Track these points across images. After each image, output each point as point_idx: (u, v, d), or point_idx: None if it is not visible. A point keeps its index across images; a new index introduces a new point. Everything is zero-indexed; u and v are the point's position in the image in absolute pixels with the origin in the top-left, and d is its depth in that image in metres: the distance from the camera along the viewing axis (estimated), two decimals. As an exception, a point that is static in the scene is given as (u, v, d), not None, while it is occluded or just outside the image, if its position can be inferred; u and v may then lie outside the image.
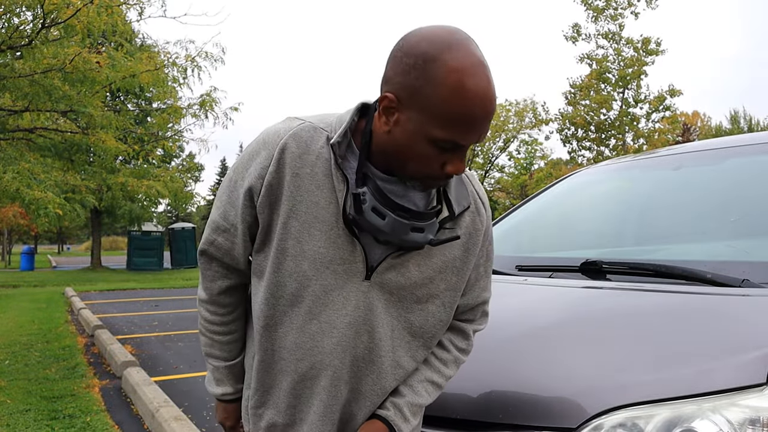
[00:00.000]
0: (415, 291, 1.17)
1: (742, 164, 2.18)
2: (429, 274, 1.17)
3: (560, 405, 1.26)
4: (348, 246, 1.12)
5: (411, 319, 1.19)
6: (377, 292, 1.15)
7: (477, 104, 0.99)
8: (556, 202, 2.75)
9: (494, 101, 1.02)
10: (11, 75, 6.97)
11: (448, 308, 1.23)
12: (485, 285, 1.31)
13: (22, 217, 27.80)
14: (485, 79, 0.99)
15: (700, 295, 1.51)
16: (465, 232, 1.20)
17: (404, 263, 1.15)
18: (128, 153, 10.27)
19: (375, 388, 1.20)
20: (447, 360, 1.29)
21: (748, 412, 1.12)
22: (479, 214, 1.23)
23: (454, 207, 1.15)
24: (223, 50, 9.05)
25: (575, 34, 19.71)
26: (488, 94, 1.00)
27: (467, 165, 16.72)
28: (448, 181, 1.13)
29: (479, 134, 1.03)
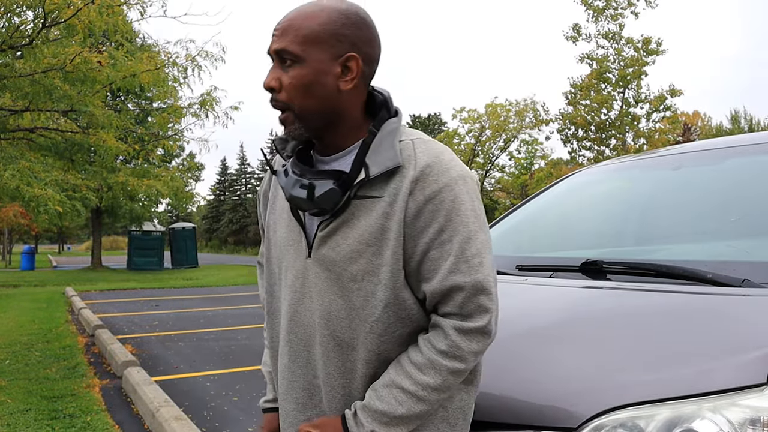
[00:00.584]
0: (348, 267, 1.13)
1: (742, 164, 2.18)
2: (356, 246, 1.12)
3: (561, 405, 1.26)
4: (296, 227, 1.22)
5: (352, 299, 1.14)
6: (317, 268, 1.17)
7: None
8: (556, 202, 2.75)
9: (285, 15, 1.15)
10: (12, 75, 6.97)
11: (387, 288, 1.12)
12: (454, 266, 1.09)
13: (23, 216, 27.81)
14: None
15: (701, 295, 1.51)
16: (388, 196, 1.12)
17: (331, 236, 1.15)
18: (129, 153, 10.29)
19: (329, 370, 1.17)
20: (420, 363, 1.11)
21: (748, 412, 1.12)
22: (406, 176, 1.11)
23: (370, 169, 1.11)
24: (223, 49, 9.06)
25: (575, 34, 19.71)
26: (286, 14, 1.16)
27: (468, 166, 16.67)
28: (283, 115, 1.16)
29: (272, 43, 1.14)
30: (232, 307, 11.75)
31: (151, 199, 21.27)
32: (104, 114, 8.31)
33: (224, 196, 65.28)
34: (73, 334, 8.16)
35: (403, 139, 1.15)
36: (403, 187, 1.11)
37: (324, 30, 1.12)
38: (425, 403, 1.11)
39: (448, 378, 1.11)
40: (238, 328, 8.97)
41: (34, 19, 6.92)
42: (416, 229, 1.11)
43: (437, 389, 1.11)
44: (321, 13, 1.12)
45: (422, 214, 1.10)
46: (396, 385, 1.11)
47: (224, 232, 63.17)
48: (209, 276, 21.82)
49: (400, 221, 1.10)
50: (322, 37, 1.11)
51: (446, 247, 1.10)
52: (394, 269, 1.12)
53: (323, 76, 1.12)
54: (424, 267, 1.12)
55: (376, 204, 1.12)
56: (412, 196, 1.10)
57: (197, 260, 29.42)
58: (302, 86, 1.12)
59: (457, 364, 1.10)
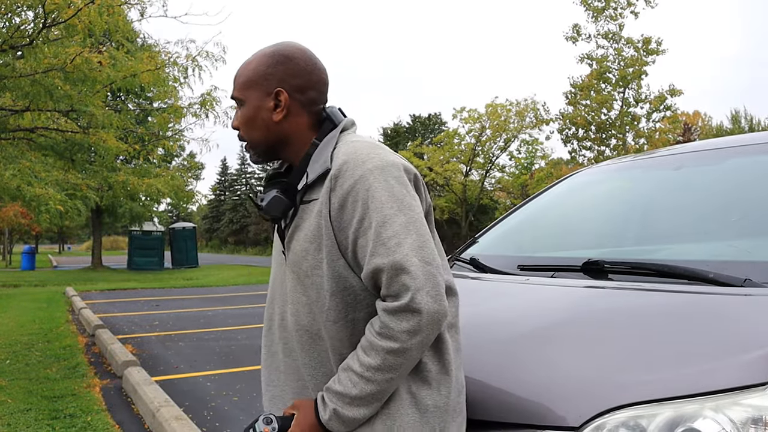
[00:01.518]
0: (301, 265, 1.29)
1: (743, 164, 2.18)
2: (304, 245, 1.28)
3: (562, 404, 1.26)
4: (278, 239, 1.41)
5: (309, 293, 1.28)
6: (288, 271, 1.35)
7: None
8: (557, 201, 2.75)
9: (241, 69, 1.39)
10: (12, 75, 6.97)
11: (330, 279, 1.24)
12: (374, 249, 1.17)
13: (23, 216, 27.82)
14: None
15: (702, 295, 1.51)
16: (321, 196, 1.26)
17: (291, 240, 1.33)
18: (129, 152, 10.28)
19: (306, 361, 1.31)
20: (364, 346, 1.20)
21: (750, 412, 1.12)
22: (327, 175, 1.26)
23: (309, 176, 1.29)
24: (224, 49, 9.06)
25: (575, 35, 19.73)
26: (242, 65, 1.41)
27: (469, 166, 16.86)
28: (247, 148, 1.41)
29: (234, 90, 1.39)
30: (233, 307, 11.75)
31: (151, 198, 21.26)
32: (104, 114, 8.30)
33: (224, 196, 65.29)
34: (74, 334, 8.16)
35: (337, 145, 1.31)
36: (326, 185, 1.25)
37: (254, 74, 1.36)
38: (374, 384, 1.18)
39: (387, 357, 1.16)
40: (239, 328, 8.97)
41: (34, 19, 6.92)
42: (343, 222, 1.23)
43: (379, 369, 1.17)
44: (253, 60, 1.37)
45: (344, 207, 1.22)
46: (349, 367, 1.22)
47: (224, 232, 63.16)
48: (209, 276, 21.82)
49: (327, 216, 1.24)
50: (254, 80, 1.35)
51: (368, 233, 1.19)
52: (330, 260, 1.24)
53: (259, 111, 1.35)
54: (357, 256, 1.23)
55: (314, 205, 1.28)
56: (333, 192, 1.24)
57: (197, 260, 29.43)
58: (246, 122, 1.37)
59: (391, 343, 1.16)
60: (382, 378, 1.18)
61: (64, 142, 9.35)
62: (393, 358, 1.16)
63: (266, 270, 25.35)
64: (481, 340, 1.33)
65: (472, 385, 1.38)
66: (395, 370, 1.18)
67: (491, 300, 1.89)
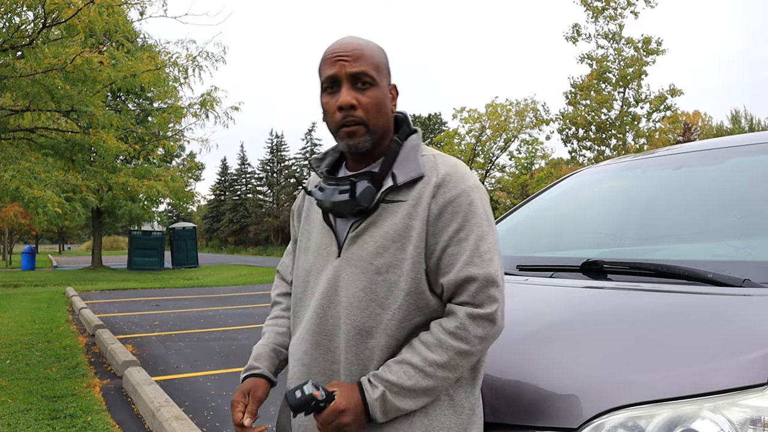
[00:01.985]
0: (374, 261, 1.29)
1: (743, 164, 2.18)
2: (382, 242, 1.29)
3: (561, 405, 1.26)
4: (327, 233, 1.39)
5: (376, 290, 1.28)
6: (345, 265, 1.33)
7: (329, 48, 1.36)
8: (556, 201, 2.75)
9: (345, 44, 1.34)
10: (12, 75, 6.97)
11: (409, 279, 1.26)
12: (469, 259, 1.25)
13: (23, 216, 27.83)
14: (340, 39, 1.38)
15: (701, 295, 1.51)
16: (411, 200, 1.30)
17: (361, 235, 1.32)
18: (129, 152, 10.28)
19: (348, 356, 1.30)
20: (429, 342, 1.24)
21: (749, 412, 1.12)
22: (429, 183, 1.30)
23: (397, 177, 1.31)
24: (224, 50, 9.07)
25: (575, 35, 19.72)
26: (338, 41, 1.36)
27: (469, 165, 16.58)
28: (355, 127, 1.32)
29: (338, 66, 1.32)
30: (233, 307, 11.75)
31: (151, 200, 21.27)
32: (105, 114, 8.31)
33: (224, 196, 65.29)
34: (74, 334, 8.16)
35: (424, 154, 1.36)
36: (426, 191, 1.30)
37: (382, 61, 1.37)
38: (431, 379, 1.23)
39: (454, 357, 1.23)
40: (239, 328, 8.97)
41: (34, 19, 6.92)
42: (438, 227, 1.28)
43: (443, 366, 1.23)
44: (378, 48, 1.39)
45: (443, 214, 1.28)
46: (406, 361, 1.24)
47: (224, 231, 63.17)
48: (209, 276, 21.82)
49: (424, 220, 1.28)
50: (382, 67, 1.36)
51: (463, 244, 1.26)
52: (416, 262, 1.27)
53: (386, 98, 1.36)
54: (443, 262, 1.27)
55: (401, 207, 1.30)
56: (434, 198, 1.29)
57: (197, 260, 29.43)
58: (377, 105, 1.33)
59: (463, 345, 1.23)
60: (442, 375, 1.23)
61: (64, 142, 9.36)
62: (459, 358, 1.23)
63: (266, 270, 25.37)
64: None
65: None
66: (454, 371, 1.24)
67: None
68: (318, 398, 1.20)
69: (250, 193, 61.97)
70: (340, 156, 1.48)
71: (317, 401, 1.20)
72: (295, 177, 54.97)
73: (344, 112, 1.31)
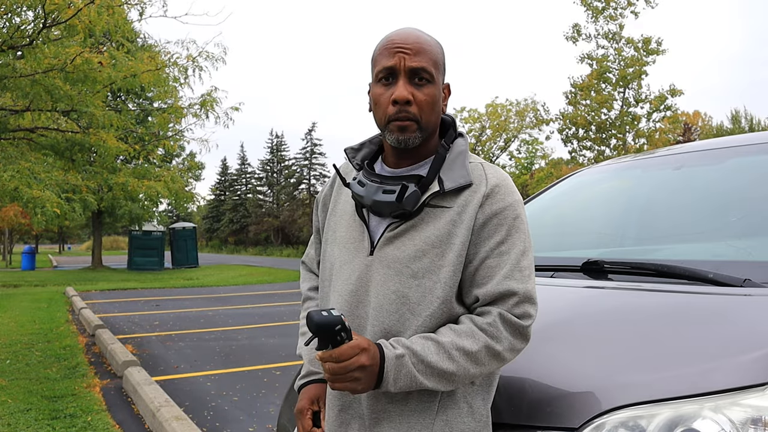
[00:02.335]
0: (410, 264, 1.25)
1: (743, 164, 2.18)
2: (421, 246, 1.25)
3: (562, 404, 1.26)
4: (359, 228, 1.34)
5: (408, 294, 1.24)
6: (377, 265, 1.28)
7: (389, 38, 1.30)
8: (557, 201, 2.75)
9: (407, 35, 1.29)
10: (12, 75, 6.98)
11: (446, 286, 1.23)
12: (510, 273, 1.22)
13: (23, 216, 27.82)
14: (400, 30, 1.32)
15: (702, 295, 1.51)
16: (456, 207, 1.27)
17: (399, 237, 1.28)
18: (129, 153, 10.29)
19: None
20: (460, 330, 1.21)
21: (750, 412, 1.12)
22: (477, 191, 1.27)
23: (445, 183, 1.27)
24: (224, 50, 9.07)
25: (575, 35, 19.73)
26: (399, 32, 1.31)
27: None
28: (408, 123, 1.27)
29: (397, 58, 1.27)
30: (233, 307, 11.76)
31: (151, 200, 21.26)
32: (105, 114, 8.31)
33: (224, 196, 65.28)
34: (74, 334, 8.16)
35: (472, 161, 1.33)
36: (474, 200, 1.27)
37: (442, 59, 1.33)
38: (453, 364, 1.18)
39: (481, 350, 1.20)
40: (239, 328, 8.97)
41: (34, 19, 6.93)
42: (481, 237, 1.26)
43: (468, 356, 1.19)
44: (437, 44, 1.33)
45: (488, 225, 1.26)
46: (433, 339, 1.20)
47: (225, 231, 63.16)
48: (209, 276, 21.83)
49: (469, 229, 1.25)
50: (440, 65, 1.32)
51: (504, 257, 1.24)
52: (456, 270, 1.24)
53: (439, 96, 1.32)
54: (480, 273, 1.25)
55: (445, 213, 1.27)
56: (482, 208, 1.26)
57: (197, 260, 29.43)
58: (432, 103, 1.29)
59: (493, 342, 1.20)
60: (464, 365, 1.19)
61: (64, 142, 9.36)
62: (485, 354, 1.20)
63: (267, 270, 25.37)
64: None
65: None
66: (477, 365, 1.20)
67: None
68: (345, 324, 1.10)
69: (250, 193, 61.96)
70: (378, 148, 1.42)
71: (343, 326, 1.10)
72: (295, 177, 55.07)
73: (398, 106, 1.26)
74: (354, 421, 1.28)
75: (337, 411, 1.31)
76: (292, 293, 14.79)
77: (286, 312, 10.88)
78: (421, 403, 1.24)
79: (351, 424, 1.29)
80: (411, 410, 1.24)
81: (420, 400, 1.24)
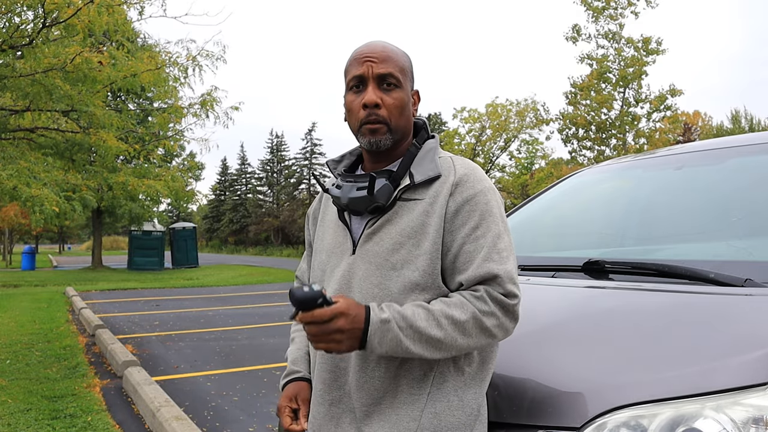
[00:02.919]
0: (389, 258, 1.31)
1: (743, 164, 2.18)
2: (398, 239, 1.31)
3: (564, 404, 1.26)
4: (342, 233, 1.42)
5: (390, 286, 1.30)
6: (359, 262, 1.35)
7: (358, 50, 1.40)
8: (557, 201, 2.75)
9: (374, 46, 1.39)
10: (12, 74, 6.97)
11: (424, 274, 1.28)
12: (488, 256, 1.26)
13: (24, 216, 27.81)
14: (368, 42, 1.42)
15: (703, 295, 1.51)
16: (428, 198, 1.33)
17: (376, 232, 1.34)
18: (129, 152, 10.29)
19: (359, 352, 1.29)
20: (449, 301, 1.24)
21: (751, 411, 1.12)
22: (446, 182, 1.33)
23: (415, 177, 1.34)
24: (224, 48, 9.08)
25: (575, 35, 19.72)
26: (367, 44, 1.41)
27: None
28: (378, 125, 1.36)
29: (365, 67, 1.36)
30: (233, 307, 11.75)
31: (152, 199, 21.29)
32: (105, 114, 8.31)
33: (225, 196, 65.30)
34: (74, 334, 8.16)
35: (441, 156, 1.40)
36: (444, 190, 1.32)
37: (409, 67, 1.43)
38: (441, 331, 1.21)
39: (470, 321, 1.22)
40: (239, 328, 8.97)
41: (34, 18, 6.92)
42: (455, 225, 1.30)
43: (457, 325, 1.21)
44: (404, 54, 1.43)
45: (460, 212, 1.31)
46: (423, 306, 1.24)
47: (225, 231, 63.17)
48: (209, 276, 21.82)
49: (441, 217, 1.30)
50: (407, 72, 1.41)
51: (480, 241, 1.28)
52: (433, 258, 1.28)
53: (409, 102, 1.41)
54: (459, 260, 1.28)
55: (417, 204, 1.33)
56: (452, 197, 1.32)
57: (198, 260, 29.43)
58: (400, 107, 1.37)
59: (480, 315, 1.23)
60: (451, 333, 1.21)
61: (64, 142, 9.36)
62: (473, 325, 1.22)
63: (266, 270, 25.38)
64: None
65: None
66: (465, 336, 1.22)
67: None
68: (325, 296, 1.15)
69: (250, 193, 61.99)
70: (357, 158, 1.51)
71: (324, 299, 1.15)
72: (295, 177, 55.06)
73: (369, 110, 1.35)
74: (345, 415, 1.32)
75: (327, 406, 1.35)
76: (292, 293, 14.76)
77: (286, 312, 10.88)
78: (410, 396, 1.26)
79: (342, 418, 1.32)
80: (400, 402, 1.27)
81: (410, 392, 1.27)
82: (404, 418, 1.25)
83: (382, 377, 1.28)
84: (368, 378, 1.29)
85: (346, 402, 1.32)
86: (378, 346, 1.20)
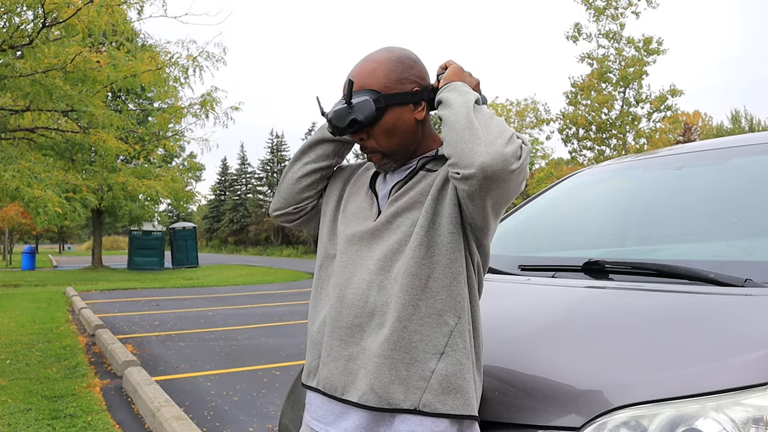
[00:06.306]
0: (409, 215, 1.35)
1: (744, 164, 2.18)
2: (417, 198, 1.35)
3: (564, 404, 1.26)
4: (369, 200, 1.44)
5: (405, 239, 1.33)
6: (383, 222, 1.37)
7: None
8: (557, 201, 2.75)
9: (357, 70, 1.39)
10: (12, 74, 6.97)
11: (429, 216, 1.32)
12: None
13: (24, 216, 27.82)
14: (357, 63, 1.43)
15: (703, 295, 1.51)
16: (442, 171, 1.35)
17: (399, 198, 1.37)
18: (129, 153, 10.29)
19: (372, 284, 1.32)
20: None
21: (751, 411, 1.12)
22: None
23: (439, 150, 1.38)
24: (224, 50, 9.06)
25: (576, 34, 19.71)
26: (356, 65, 1.42)
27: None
28: (372, 155, 1.43)
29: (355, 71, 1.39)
30: (233, 307, 11.75)
31: (152, 199, 21.27)
32: (105, 114, 8.29)
33: (225, 196, 65.28)
34: (74, 334, 8.16)
35: None
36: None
37: (397, 78, 1.39)
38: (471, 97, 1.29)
39: (496, 118, 1.25)
40: (239, 327, 8.97)
41: (34, 18, 6.92)
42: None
43: (486, 116, 1.25)
44: (391, 66, 1.40)
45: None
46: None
47: (225, 231, 63.15)
48: (210, 276, 21.82)
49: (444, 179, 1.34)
50: (394, 86, 1.39)
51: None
52: (434, 198, 1.32)
53: (398, 119, 1.38)
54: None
55: (433, 174, 1.37)
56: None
57: (198, 260, 29.42)
58: (386, 131, 1.39)
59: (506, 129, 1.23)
60: (479, 114, 1.26)
61: (64, 142, 9.35)
62: (495, 125, 1.22)
63: (267, 270, 25.37)
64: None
65: (473, 385, 1.37)
66: (488, 124, 1.23)
67: (492, 300, 1.89)
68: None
69: (250, 193, 61.94)
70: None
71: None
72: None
73: (360, 141, 1.41)
74: (360, 370, 1.30)
75: (344, 362, 1.32)
76: (292, 293, 14.79)
77: (286, 312, 10.88)
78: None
79: (358, 374, 1.30)
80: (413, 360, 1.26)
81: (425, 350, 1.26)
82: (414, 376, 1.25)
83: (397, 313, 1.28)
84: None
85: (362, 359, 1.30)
86: (455, 94, 1.31)
